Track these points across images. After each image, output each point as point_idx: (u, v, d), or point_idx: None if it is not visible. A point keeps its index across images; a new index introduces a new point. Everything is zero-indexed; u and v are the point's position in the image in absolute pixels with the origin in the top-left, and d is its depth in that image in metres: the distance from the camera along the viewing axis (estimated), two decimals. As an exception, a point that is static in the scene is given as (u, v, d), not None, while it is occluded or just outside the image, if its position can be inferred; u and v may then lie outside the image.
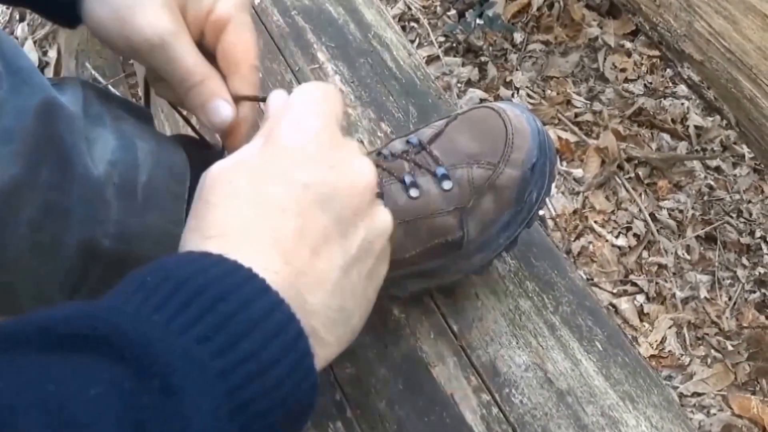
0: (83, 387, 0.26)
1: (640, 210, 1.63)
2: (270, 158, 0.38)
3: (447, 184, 0.63)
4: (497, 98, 1.77)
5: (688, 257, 1.59)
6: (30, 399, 0.25)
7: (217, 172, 0.38)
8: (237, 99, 0.50)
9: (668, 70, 1.83)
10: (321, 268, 0.36)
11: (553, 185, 0.68)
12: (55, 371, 0.27)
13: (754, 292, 1.56)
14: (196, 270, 0.32)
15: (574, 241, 1.57)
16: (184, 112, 0.59)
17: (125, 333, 0.29)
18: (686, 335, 1.48)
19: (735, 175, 1.72)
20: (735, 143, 1.75)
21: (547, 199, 0.67)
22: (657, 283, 1.54)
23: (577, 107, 1.79)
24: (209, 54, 0.50)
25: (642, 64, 1.87)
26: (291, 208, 0.36)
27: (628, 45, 1.89)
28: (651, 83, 1.84)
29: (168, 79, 0.49)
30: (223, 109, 0.49)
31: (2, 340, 0.28)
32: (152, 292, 0.31)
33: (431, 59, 1.81)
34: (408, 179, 0.63)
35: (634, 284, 1.54)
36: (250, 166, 0.38)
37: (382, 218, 0.41)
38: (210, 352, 0.30)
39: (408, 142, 0.67)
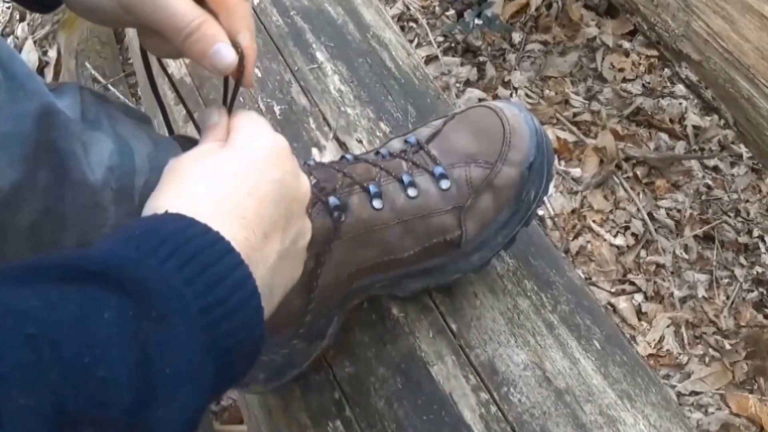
0: (98, 311, 0.32)
1: (638, 209, 1.63)
2: (235, 154, 0.46)
3: (445, 184, 0.64)
4: (495, 98, 1.78)
5: (686, 256, 1.59)
6: (58, 318, 0.31)
7: (188, 155, 0.46)
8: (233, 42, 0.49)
9: (666, 69, 1.84)
10: (266, 249, 0.44)
11: (551, 184, 0.68)
12: (75, 298, 0.32)
13: (752, 291, 1.56)
14: (176, 228, 0.38)
15: (573, 240, 1.57)
16: (189, 107, 0.58)
17: (129, 271, 0.34)
18: (684, 334, 1.48)
19: (733, 175, 1.73)
20: (733, 143, 1.75)
21: (545, 199, 0.67)
22: (655, 282, 1.54)
23: (576, 107, 1.79)
24: None
25: (640, 64, 1.87)
26: (254, 195, 0.44)
27: (627, 45, 1.90)
28: (649, 83, 1.85)
29: (163, 32, 0.48)
30: (226, 53, 0.49)
31: (29, 272, 0.33)
32: (142, 242, 0.37)
33: (430, 59, 1.81)
34: (406, 178, 0.63)
35: (633, 283, 1.54)
36: (219, 157, 0.46)
37: (308, 226, 0.51)
38: (193, 293, 0.36)
39: (406, 141, 0.67)
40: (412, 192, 0.63)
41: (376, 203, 0.62)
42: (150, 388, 0.33)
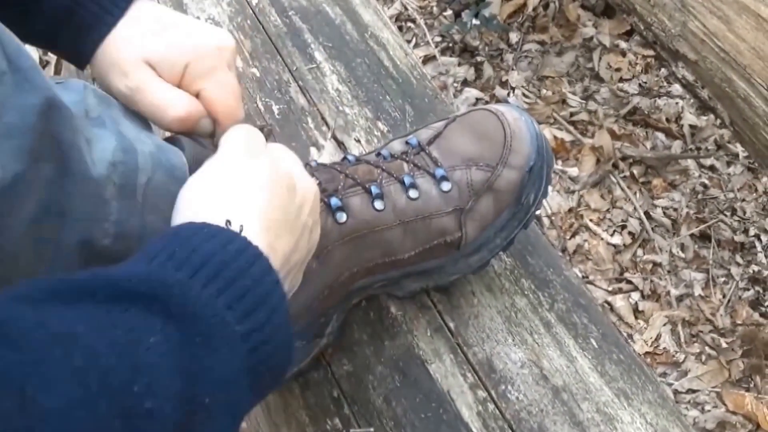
0: (145, 336, 0.32)
1: (634, 208, 1.64)
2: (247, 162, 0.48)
3: (446, 186, 0.64)
4: (493, 98, 1.78)
5: (683, 255, 1.60)
6: (105, 342, 0.30)
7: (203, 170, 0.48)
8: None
9: (663, 69, 1.84)
10: (284, 270, 0.45)
11: (550, 186, 0.69)
12: (121, 321, 0.32)
13: (748, 289, 1.57)
14: (216, 246, 0.38)
15: (570, 239, 1.58)
16: None
17: (174, 295, 0.35)
18: (681, 332, 1.49)
19: (729, 174, 1.73)
20: (729, 142, 1.76)
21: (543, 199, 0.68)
22: (652, 280, 1.55)
23: (573, 107, 1.80)
24: None
25: (637, 64, 1.88)
26: (290, 222, 0.46)
27: (623, 45, 1.90)
28: (646, 83, 1.85)
29: (154, 118, 0.55)
30: (207, 123, 0.56)
31: (75, 292, 0.33)
32: (185, 263, 0.37)
33: (428, 59, 1.82)
34: (407, 180, 0.64)
35: (629, 282, 1.55)
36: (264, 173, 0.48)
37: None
38: (235, 318, 0.36)
39: (407, 143, 0.68)
40: (413, 194, 0.63)
41: (378, 204, 0.62)
42: (191, 418, 0.33)
